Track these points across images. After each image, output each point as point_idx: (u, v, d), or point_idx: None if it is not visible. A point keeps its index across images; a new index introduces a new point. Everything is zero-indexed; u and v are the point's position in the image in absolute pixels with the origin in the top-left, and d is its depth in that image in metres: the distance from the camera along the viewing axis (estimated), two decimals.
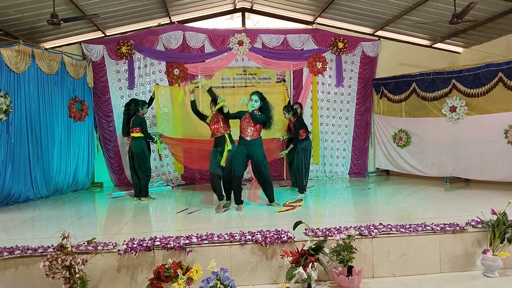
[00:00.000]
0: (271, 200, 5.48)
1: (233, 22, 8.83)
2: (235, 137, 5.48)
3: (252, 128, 5.23)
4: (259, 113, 5.21)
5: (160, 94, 7.59)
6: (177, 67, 8.13)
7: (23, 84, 6.24)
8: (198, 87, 6.72)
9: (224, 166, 5.35)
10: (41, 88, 6.63)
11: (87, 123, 7.76)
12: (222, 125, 5.40)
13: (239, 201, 5.34)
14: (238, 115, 5.35)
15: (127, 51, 8.00)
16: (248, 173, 7.95)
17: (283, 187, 7.27)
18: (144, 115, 6.45)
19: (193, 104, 5.73)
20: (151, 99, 7.14)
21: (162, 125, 7.50)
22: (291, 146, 6.58)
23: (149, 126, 6.81)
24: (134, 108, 6.30)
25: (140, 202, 6.16)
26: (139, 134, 6.21)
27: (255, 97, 5.18)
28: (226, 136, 5.37)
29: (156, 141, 6.69)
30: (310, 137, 6.82)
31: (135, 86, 8.12)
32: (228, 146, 5.33)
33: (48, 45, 7.69)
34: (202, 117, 5.86)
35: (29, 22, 6.77)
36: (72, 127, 7.38)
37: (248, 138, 5.23)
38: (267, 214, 5.01)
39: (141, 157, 6.19)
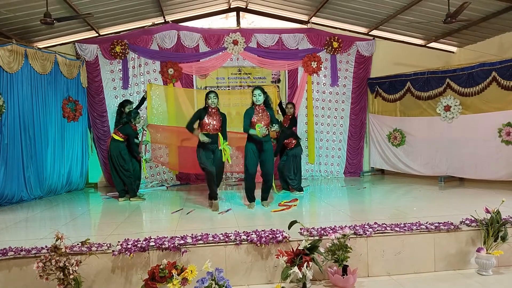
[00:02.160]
0: (266, 198, 5.48)
1: (227, 21, 8.81)
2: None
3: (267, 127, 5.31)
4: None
5: (154, 93, 7.56)
6: (172, 67, 8.10)
7: (16, 84, 6.18)
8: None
9: (215, 164, 5.31)
10: (35, 88, 6.57)
11: (81, 123, 7.70)
12: (219, 124, 5.39)
13: (252, 199, 5.40)
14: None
15: (121, 51, 7.96)
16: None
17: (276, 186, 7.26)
18: (137, 126, 6.41)
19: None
20: (143, 99, 7.09)
21: (155, 124, 7.46)
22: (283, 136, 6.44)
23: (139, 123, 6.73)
24: (127, 118, 6.24)
25: (130, 202, 6.09)
26: (120, 138, 6.17)
27: (258, 91, 5.24)
28: (220, 134, 5.35)
29: (144, 159, 6.64)
30: (300, 143, 6.75)
31: (129, 86, 8.08)
32: (226, 143, 5.36)
33: (41, 44, 7.63)
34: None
35: (22, 22, 6.71)
36: (66, 127, 7.32)
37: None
38: (262, 214, 5.00)
39: (119, 160, 6.15)
